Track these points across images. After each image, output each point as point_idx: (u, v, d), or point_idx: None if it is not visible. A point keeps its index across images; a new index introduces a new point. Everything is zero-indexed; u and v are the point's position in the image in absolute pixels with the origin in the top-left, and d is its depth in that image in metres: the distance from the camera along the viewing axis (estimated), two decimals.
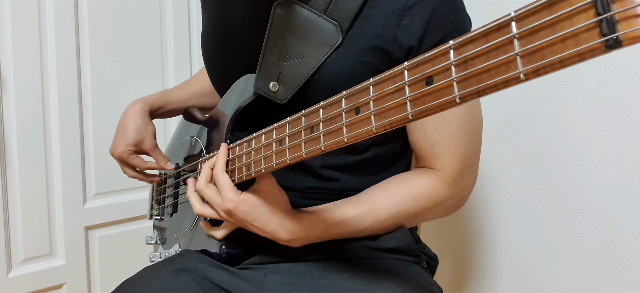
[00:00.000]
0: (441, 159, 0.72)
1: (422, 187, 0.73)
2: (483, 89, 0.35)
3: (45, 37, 1.42)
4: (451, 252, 1.32)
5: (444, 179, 0.73)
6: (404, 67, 0.44)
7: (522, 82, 0.32)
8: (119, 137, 0.94)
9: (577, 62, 0.29)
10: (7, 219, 1.38)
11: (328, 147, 0.53)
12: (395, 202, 0.73)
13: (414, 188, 0.73)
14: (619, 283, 0.97)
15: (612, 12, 0.27)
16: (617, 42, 0.27)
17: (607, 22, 0.27)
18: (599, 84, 0.97)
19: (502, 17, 0.34)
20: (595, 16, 0.28)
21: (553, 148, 1.06)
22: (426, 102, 0.41)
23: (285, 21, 0.70)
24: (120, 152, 0.93)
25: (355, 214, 0.72)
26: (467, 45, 0.37)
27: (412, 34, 0.67)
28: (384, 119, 0.46)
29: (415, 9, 0.66)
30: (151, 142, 0.94)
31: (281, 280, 0.74)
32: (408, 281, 0.71)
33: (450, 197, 0.74)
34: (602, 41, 0.27)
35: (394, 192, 0.73)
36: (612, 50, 0.27)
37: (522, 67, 0.32)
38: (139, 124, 0.93)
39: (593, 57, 0.28)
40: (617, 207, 0.96)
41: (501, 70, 0.33)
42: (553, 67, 0.30)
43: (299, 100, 0.71)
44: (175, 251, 0.89)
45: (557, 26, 0.30)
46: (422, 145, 0.74)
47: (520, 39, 0.32)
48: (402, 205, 0.73)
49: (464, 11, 0.71)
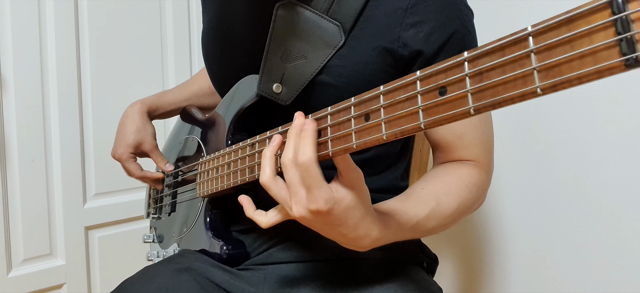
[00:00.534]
0: (472, 149, 0.72)
1: (471, 176, 0.70)
2: (499, 101, 0.35)
3: (45, 37, 1.42)
4: (451, 252, 1.32)
5: (482, 167, 0.72)
6: (416, 78, 0.44)
7: (539, 96, 0.33)
8: (119, 138, 0.95)
9: (595, 79, 0.29)
10: (7, 219, 1.38)
11: (337, 152, 0.53)
12: (456, 195, 0.67)
13: (466, 179, 0.69)
14: (619, 283, 0.97)
15: (633, 32, 0.27)
16: (637, 61, 0.27)
17: (627, 42, 0.27)
18: (599, 84, 0.97)
19: (519, 32, 0.34)
20: (615, 35, 0.28)
21: (553, 148, 1.06)
22: (439, 112, 0.41)
23: (288, 22, 0.70)
24: (120, 154, 0.94)
25: (426, 214, 0.64)
26: (482, 58, 0.37)
27: (418, 33, 0.66)
28: (395, 127, 0.46)
29: (419, 7, 0.66)
30: (150, 143, 0.95)
31: (281, 280, 0.74)
32: (408, 281, 0.71)
33: (488, 182, 0.74)
34: (622, 60, 0.28)
35: (451, 185, 0.68)
36: (631, 69, 0.28)
37: (539, 82, 0.32)
38: (138, 126, 0.94)
39: (612, 75, 0.28)
40: (617, 207, 0.96)
41: (518, 84, 0.34)
42: (571, 83, 0.30)
43: (302, 102, 0.71)
44: (173, 250, 0.89)
45: (576, 43, 0.30)
46: (449, 140, 0.72)
47: (537, 53, 0.33)
48: (460, 197, 0.67)
49: (466, 6, 0.71)
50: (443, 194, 0.66)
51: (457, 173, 0.70)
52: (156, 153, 0.95)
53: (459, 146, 0.72)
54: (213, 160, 0.79)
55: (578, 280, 1.04)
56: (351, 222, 0.55)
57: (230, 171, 0.72)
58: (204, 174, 0.82)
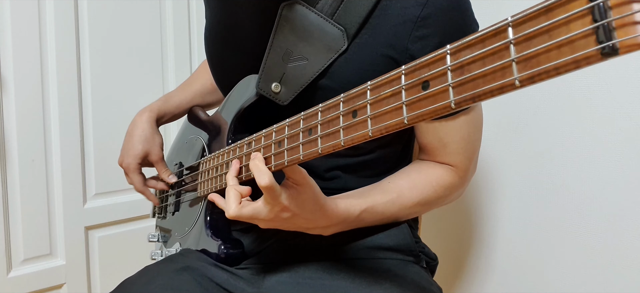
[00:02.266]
0: (454, 156, 0.75)
1: (441, 179, 0.75)
2: (478, 94, 0.34)
3: (45, 37, 1.42)
4: (451, 252, 1.32)
5: (458, 172, 0.76)
6: (400, 71, 0.43)
7: (517, 88, 0.32)
8: (127, 147, 0.95)
9: (573, 69, 0.28)
10: (7, 219, 1.38)
11: (325, 149, 0.53)
12: (419, 191, 0.74)
13: (434, 179, 0.75)
14: (619, 283, 0.96)
15: (609, 19, 0.26)
16: (614, 50, 0.26)
17: (603, 29, 0.26)
18: (599, 84, 0.96)
19: (499, 23, 0.33)
20: (592, 23, 0.27)
21: (553, 148, 1.05)
22: (422, 107, 0.40)
23: (291, 23, 0.70)
24: (127, 164, 0.94)
25: (384, 201, 0.72)
26: (464, 50, 0.36)
27: (426, 46, 0.66)
28: (380, 123, 0.45)
29: (429, 21, 0.66)
30: (157, 154, 0.95)
31: (280, 280, 0.74)
32: (407, 281, 0.72)
33: (462, 186, 0.79)
34: (598, 48, 0.27)
35: (417, 182, 0.75)
36: (608, 58, 0.27)
37: (518, 73, 0.32)
38: (147, 135, 0.94)
39: (589, 64, 0.27)
40: (617, 207, 0.96)
41: (497, 76, 0.33)
42: (549, 74, 0.29)
43: (301, 104, 0.70)
44: (175, 250, 0.89)
45: (554, 32, 0.29)
46: (435, 146, 0.75)
47: (516, 44, 0.32)
48: (424, 194, 0.74)
49: (474, 21, 0.71)
50: (407, 189, 0.74)
51: (426, 173, 0.76)
52: (161, 165, 0.96)
53: (442, 152, 0.75)
54: (213, 159, 0.80)
55: (578, 280, 1.03)
56: (308, 210, 0.63)
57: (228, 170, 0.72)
58: (204, 173, 0.83)
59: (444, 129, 0.72)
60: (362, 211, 0.70)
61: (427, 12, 0.65)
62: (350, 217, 0.69)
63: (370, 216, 0.72)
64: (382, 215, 0.73)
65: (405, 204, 0.74)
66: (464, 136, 0.73)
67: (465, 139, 0.73)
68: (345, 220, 0.69)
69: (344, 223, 0.70)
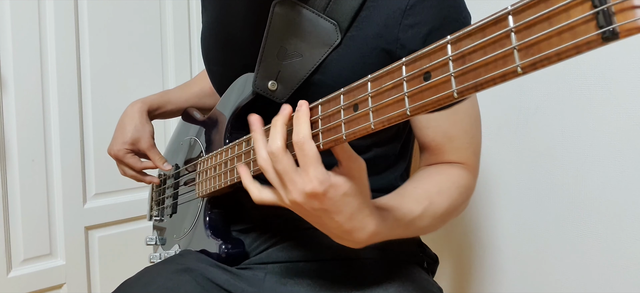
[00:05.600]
0: (461, 152, 0.72)
1: (461, 178, 0.70)
2: (481, 83, 0.35)
3: (45, 37, 1.43)
4: (451, 252, 1.32)
5: (470, 170, 0.72)
6: (402, 63, 0.44)
7: (520, 76, 0.32)
8: (117, 135, 0.95)
9: (574, 54, 0.29)
10: (7, 219, 1.38)
11: (327, 144, 0.53)
12: (447, 195, 0.67)
13: (456, 180, 0.69)
14: (619, 283, 0.96)
15: (608, 4, 0.27)
16: (614, 34, 0.27)
17: (603, 14, 0.27)
18: (599, 84, 0.96)
19: (499, 11, 0.34)
20: (592, 8, 0.27)
21: (553, 148, 1.05)
22: (424, 97, 0.41)
23: (284, 20, 0.70)
24: (117, 151, 0.93)
25: (420, 212, 0.63)
26: (464, 40, 0.37)
27: (416, 34, 0.66)
28: (383, 115, 0.46)
29: (417, 8, 0.65)
30: (148, 141, 0.94)
31: (281, 280, 0.74)
32: (408, 281, 0.71)
33: (474, 186, 0.74)
34: (599, 33, 0.27)
35: (442, 184, 0.68)
36: (608, 42, 0.27)
37: (520, 60, 0.32)
38: (136, 123, 0.93)
39: (590, 49, 0.28)
40: (617, 207, 0.96)
41: (498, 64, 0.33)
42: (550, 60, 0.30)
43: (298, 100, 0.70)
44: (174, 251, 0.89)
45: (554, 19, 0.30)
46: (439, 142, 0.72)
47: (517, 32, 0.32)
48: (451, 197, 0.67)
49: (465, 8, 0.71)
50: (435, 194, 0.66)
51: (448, 174, 0.70)
52: (154, 152, 0.95)
53: (449, 148, 0.72)
54: (210, 159, 0.79)
55: (578, 280, 1.03)
56: (347, 211, 0.53)
57: (227, 169, 0.72)
58: (202, 174, 0.82)
59: (447, 120, 0.71)
60: (402, 226, 0.62)
61: (415, 0, 0.65)
62: (392, 235, 0.61)
63: (408, 231, 0.64)
64: (417, 227, 0.65)
65: (436, 212, 0.65)
66: (467, 129, 0.72)
67: (468, 132, 0.72)
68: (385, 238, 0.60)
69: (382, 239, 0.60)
